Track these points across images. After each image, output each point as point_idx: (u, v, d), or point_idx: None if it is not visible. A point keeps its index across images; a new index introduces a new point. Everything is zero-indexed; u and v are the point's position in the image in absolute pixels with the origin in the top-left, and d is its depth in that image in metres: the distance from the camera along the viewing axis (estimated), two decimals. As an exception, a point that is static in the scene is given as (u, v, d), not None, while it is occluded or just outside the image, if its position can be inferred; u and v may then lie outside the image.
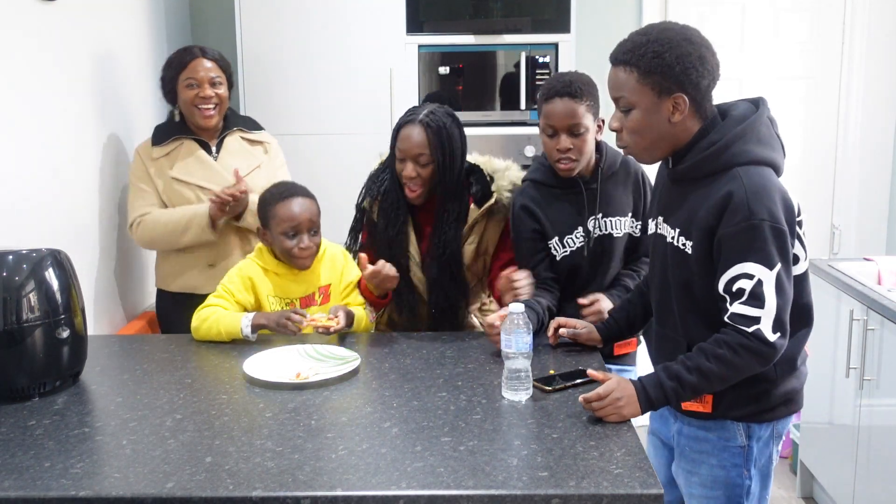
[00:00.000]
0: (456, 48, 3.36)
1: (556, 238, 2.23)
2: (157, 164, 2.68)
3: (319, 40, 3.32)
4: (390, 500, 1.37)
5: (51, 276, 1.83)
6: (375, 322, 2.44)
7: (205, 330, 2.16)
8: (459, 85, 3.36)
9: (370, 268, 2.15)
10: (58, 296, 1.83)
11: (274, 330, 2.12)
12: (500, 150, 2.58)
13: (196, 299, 2.29)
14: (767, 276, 1.61)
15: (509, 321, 1.78)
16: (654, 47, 1.66)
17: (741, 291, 1.63)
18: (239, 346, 2.14)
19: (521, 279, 2.11)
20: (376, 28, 3.32)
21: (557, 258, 2.24)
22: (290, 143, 3.10)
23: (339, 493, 1.38)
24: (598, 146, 2.26)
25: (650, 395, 1.67)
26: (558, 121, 2.12)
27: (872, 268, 2.98)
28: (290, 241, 2.22)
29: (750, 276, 1.62)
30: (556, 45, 3.33)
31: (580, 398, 1.68)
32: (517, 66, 3.33)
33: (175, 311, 2.67)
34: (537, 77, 3.34)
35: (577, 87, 2.11)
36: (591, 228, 2.23)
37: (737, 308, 1.64)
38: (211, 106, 2.66)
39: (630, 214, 2.28)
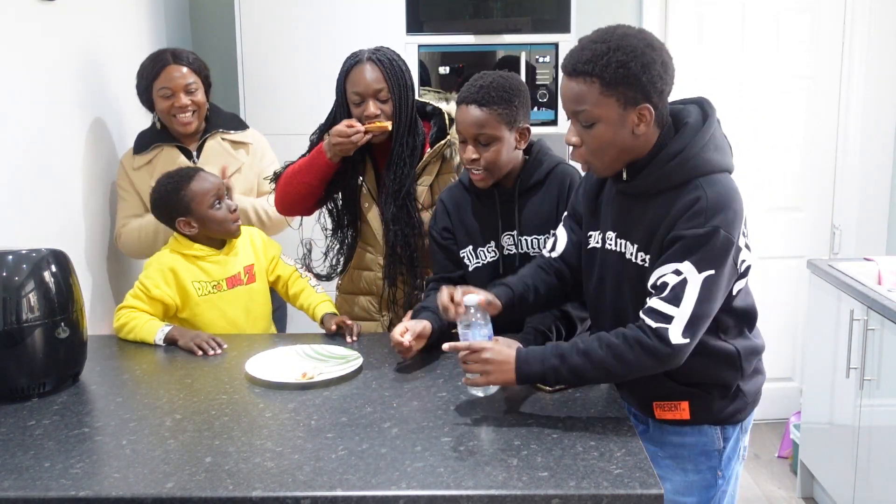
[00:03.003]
0: (456, 48, 3.35)
1: (470, 247, 2.12)
2: (138, 173, 2.63)
3: (319, 40, 3.31)
4: (390, 500, 1.37)
5: (51, 276, 1.83)
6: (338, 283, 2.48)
7: (125, 335, 2.20)
8: (459, 85, 3.36)
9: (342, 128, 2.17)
10: (58, 296, 1.83)
11: (184, 348, 2.10)
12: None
13: None
14: (694, 279, 1.56)
15: (466, 315, 1.70)
16: (619, 56, 1.54)
17: (664, 286, 1.58)
18: (238, 345, 2.15)
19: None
20: (376, 28, 3.31)
21: (470, 268, 2.13)
22: (290, 142, 3.07)
23: (339, 493, 1.38)
24: (530, 150, 2.09)
25: (530, 368, 1.61)
26: (464, 129, 2.00)
27: (872, 268, 2.99)
28: (219, 211, 2.28)
29: (678, 273, 1.57)
30: (556, 45, 3.33)
31: (444, 346, 1.67)
32: (517, 65, 3.33)
33: None
34: (537, 77, 3.34)
35: (488, 94, 1.95)
36: (504, 245, 2.09)
37: (653, 302, 1.59)
38: (188, 114, 2.60)
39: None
